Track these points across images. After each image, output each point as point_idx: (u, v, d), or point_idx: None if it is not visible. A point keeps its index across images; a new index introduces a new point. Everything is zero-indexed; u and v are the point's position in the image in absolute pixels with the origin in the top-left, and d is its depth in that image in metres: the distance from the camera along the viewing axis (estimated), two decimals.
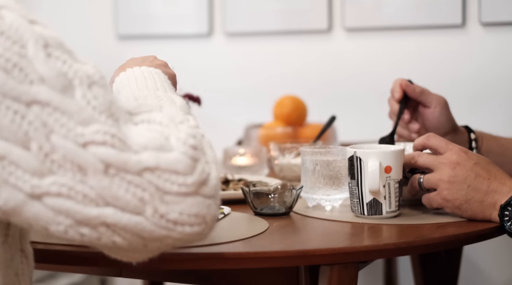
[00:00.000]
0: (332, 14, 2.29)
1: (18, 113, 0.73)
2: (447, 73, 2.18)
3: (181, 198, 0.76)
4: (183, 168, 0.77)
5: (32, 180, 0.74)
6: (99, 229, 0.76)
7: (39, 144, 0.74)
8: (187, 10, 2.46)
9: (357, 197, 1.19)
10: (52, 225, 0.75)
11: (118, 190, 0.75)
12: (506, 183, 1.13)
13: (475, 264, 2.16)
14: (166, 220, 0.76)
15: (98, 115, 0.76)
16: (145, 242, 0.77)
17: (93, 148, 0.74)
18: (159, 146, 0.77)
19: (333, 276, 1.02)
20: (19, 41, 0.75)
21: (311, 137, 1.81)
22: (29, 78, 0.74)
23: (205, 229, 0.79)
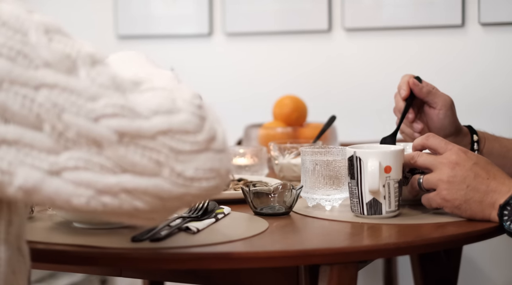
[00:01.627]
0: (332, 14, 2.29)
1: (27, 97, 0.76)
2: (446, 73, 2.18)
3: (194, 155, 0.80)
4: (193, 127, 0.80)
5: (49, 158, 0.76)
6: (120, 196, 0.78)
7: (51, 124, 0.76)
8: (187, 10, 2.46)
9: (356, 197, 1.19)
10: (74, 198, 0.77)
11: (134, 156, 0.77)
12: (505, 183, 1.14)
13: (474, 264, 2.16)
14: (184, 178, 0.79)
15: (105, 90, 0.78)
16: (165, 202, 0.80)
17: (105, 121, 0.77)
18: (168, 109, 0.80)
19: (333, 276, 1.02)
20: (20, 29, 0.77)
21: (311, 137, 1.82)
22: (34, 63, 0.76)
23: (221, 183, 0.82)
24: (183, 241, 1.06)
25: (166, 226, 1.11)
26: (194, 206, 1.21)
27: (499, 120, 2.10)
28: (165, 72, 0.93)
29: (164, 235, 1.07)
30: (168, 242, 1.05)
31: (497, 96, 2.12)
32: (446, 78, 2.18)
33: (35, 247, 0.94)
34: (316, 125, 1.92)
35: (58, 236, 1.10)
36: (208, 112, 0.84)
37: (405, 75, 1.42)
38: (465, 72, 2.16)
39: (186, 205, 0.84)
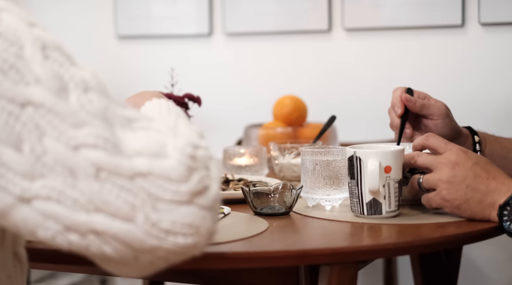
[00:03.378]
0: (332, 14, 2.29)
1: (13, 115, 0.73)
2: (446, 73, 2.18)
3: (174, 206, 0.74)
4: (177, 176, 0.74)
5: (22, 183, 0.72)
6: (88, 236, 0.73)
7: (31, 146, 0.73)
8: (187, 10, 2.46)
9: (356, 197, 1.19)
10: (40, 229, 0.73)
11: (108, 195, 0.73)
12: (505, 183, 1.14)
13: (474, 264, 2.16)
14: (158, 228, 0.73)
15: (91, 118, 0.74)
16: (136, 253, 0.75)
17: (85, 151, 0.73)
18: (154, 153, 0.75)
19: (333, 276, 1.02)
20: (16, 42, 0.75)
21: (311, 137, 1.82)
22: (25, 79, 0.74)
23: (199, 242, 0.76)
24: None
25: None
26: None
27: (499, 120, 2.10)
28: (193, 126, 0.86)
29: None
30: None
31: (497, 96, 2.12)
32: (446, 78, 2.18)
33: (35, 247, 0.94)
34: (316, 125, 1.92)
35: None
36: (203, 166, 0.77)
37: (396, 89, 1.39)
38: (465, 72, 2.16)
39: (160, 262, 0.77)
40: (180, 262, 0.78)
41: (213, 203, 0.76)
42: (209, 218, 0.76)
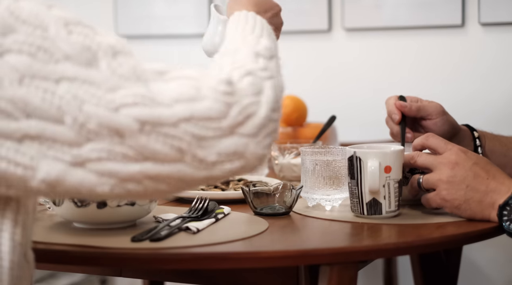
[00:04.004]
0: (332, 14, 2.29)
1: (48, 91, 0.77)
2: (446, 73, 2.18)
3: (217, 141, 0.80)
4: (216, 113, 0.80)
5: (72, 151, 0.77)
6: (143, 182, 0.79)
7: (73, 116, 0.77)
8: (188, 10, 2.46)
9: (356, 197, 1.19)
10: (97, 187, 0.78)
11: (155, 144, 0.78)
12: (504, 183, 1.13)
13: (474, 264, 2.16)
14: (205, 163, 0.80)
15: (124, 81, 0.79)
16: (190, 184, 0.81)
17: (126, 110, 0.77)
18: (191, 97, 0.80)
19: (333, 276, 1.02)
20: (40, 25, 0.78)
21: (311, 137, 1.82)
22: (54, 57, 0.77)
23: (246, 165, 0.83)
24: (183, 241, 1.06)
25: (166, 226, 1.11)
26: (194, 206, 1.22)
27: (499, 120, 2.10)
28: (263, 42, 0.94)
29: (164, 235, 1.07)
30: (168, 242, 1.05)
31: (497, 96, 2.12)
32: (445, 78, 2.18)
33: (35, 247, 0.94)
34: (316, 125, 1.92)
35: (58, 236, 1.10)
36: (244, 95, 0.83)
37: (389, 99, 1.40)
38: (465, 72, 2.16)
39: (212, 183, 0.85)
40: None
41: (257, 129, 0.83)
42: (252, 143, 0.82)
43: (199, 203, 1.22)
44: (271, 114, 0.85)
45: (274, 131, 0.86)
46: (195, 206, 1.22)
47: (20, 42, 0.77)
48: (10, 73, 0.76)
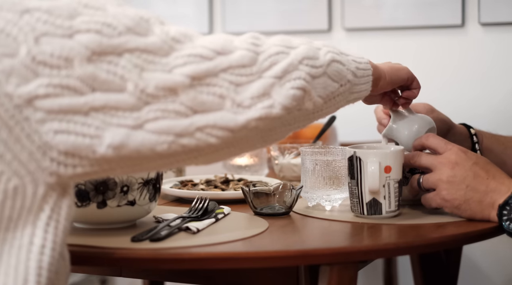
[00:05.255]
0: (332, 14, 2.29)
1: (112, 63, 0.84)
2: (446, 73, 2.18)
3: (249, 85, 0.92)
4: (247, 61, 0.93)
5: (133, 114, 0.85)
6: (195, 135, 0.88)
7: (134, 83, 0.85)
8: (188, 10, 2.46)
9: (356, 197, 1.19)
10: (157, 146, 0.86)
11: (202, 96, 0.88)
12: (504, 183, 1.13)
13: (474, 264, 2.16)
14: (243, 107, 0.90)
15: (176, 43, 0.89)
16: (234, 134, 0.90)
17: (178, 70, 0.87)
18: (228, 50, 0.92)
19: (333, 276, 1.02)
20: (100, 7, 0.86)
21: (311, 137, 1.82)
22: (117, 30, 0.85)
23: (275, 102, 0.93)
24: (183, 241, 1.06)
25: (166, 226, 1.11)
26: (194, 206, 1.22)
27: (498, 120, 2.10)
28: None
29: (164, 235, 1.07)
30: (168, 242, 1.05)
31: (497, 96, 2.12)
32: (445, 78, 2.18)
33: None
34: (316, 125, 1.92)
35: None
36: (268, 49, 0.96)
37: (377, 107, 1.43)
38: (465, 72, 2.16)
39: (253, 133, 0.93)
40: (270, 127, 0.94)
41: (281, 72, 0.95)
42: (278, 83, 0.94)
43: (199, 203, 1.22)
44: (298, 64, 0.97)
45: (299, 78, 0.96)
46: (195, 206, 1.22)
47: (86, 22, 0.84)
48: (80, 51, 0.83)
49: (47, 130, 0.82)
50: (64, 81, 0.82)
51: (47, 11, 0.83)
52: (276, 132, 0.98)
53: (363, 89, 1.13)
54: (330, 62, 1.03)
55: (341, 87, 1.05)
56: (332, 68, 1.03)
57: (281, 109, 0.94)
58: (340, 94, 1.06)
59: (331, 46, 1.06)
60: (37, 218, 0.84)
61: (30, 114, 0.81)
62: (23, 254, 0.83)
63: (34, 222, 0.84)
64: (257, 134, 0.94)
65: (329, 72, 1.02)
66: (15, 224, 0.83)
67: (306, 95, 0.97)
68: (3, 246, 0.82)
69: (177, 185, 1.47)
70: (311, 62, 0.99)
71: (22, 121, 0.81)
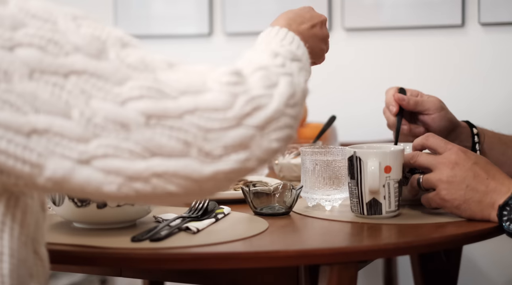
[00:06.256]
0: (332, 14, 2.29)
1: (57, 85, 0.77)
2: (446, 73, 2.18)
3: (224, 133, 0.79)
4: (222, 104, 0.79)
5: (78, 147, 0.77)
6: (151, 181, 0.78)
7: (80, 110, 0.77)
8: (187, 10, 2.46)
9: (356, 197, 1.19)
10: (104, 186, 0.78)
11: (161, 138, 0.77)
12: (504, 183, 1.13)
13: (474, 264, 2.16)
14: (212, 156, 0.79)
15: (132, 71, 0.79)
16: (198, 184, 0.79)
17: (132, 104, 0.77)
18: (196, 89, 0.80)
19: (333, 276, 1.02)
20: (49, 19, 0.79)
21: (311, 137, 1.82)
22: (64, 49, 0.78)
23: (252, 156, 0.80)
24: (183, 241, 1.06)
25: (166, 226, 1.11)
26: (194, 206, 1.22)
27: (499, 120, 2.10)
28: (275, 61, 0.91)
29: (164, 235, 1.07)
30: (168, 242, 1.05)
31: (497, 96, 2.12)
32: (445, 78, 2.18)
33: None
34: (316, 125, 1.92)
35: (58, 236, 1.10)
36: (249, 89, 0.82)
37: (389, 90, 1.41)
38: (465, 72, 2.16)
39: (223, 184, 0.82)
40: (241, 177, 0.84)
41: (265, 121, 0.81)
42: (260, 135, 0.81)
43: (199, 203, 1.22)
44: (284, 109, 0.84)
45: (287, 126, 0.84)
46: (195, 206, 1.22)
47: (30, 35, 0.78)
48: (21, 67, 0.76)
49: None
50: (4, 95, 0.76)
51: None
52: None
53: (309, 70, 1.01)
54: (304, 86, 0.91)
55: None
56: (305, 93, 0.92)
57: (257, 163, 0.82)
58: None
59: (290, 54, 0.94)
60: None
61: None
62: None
63: None
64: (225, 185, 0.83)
65: (303, 101, 0.91)
66: None
67: (288, 142, 0.86)
68: None
69: None
70: (293, 101, 0.86)
71: None
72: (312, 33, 1.10)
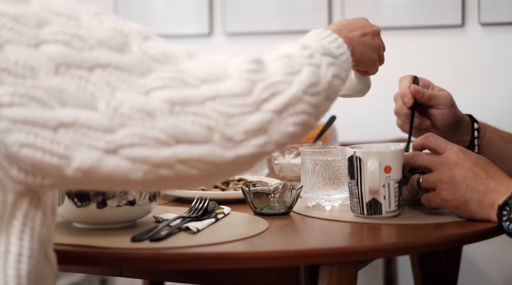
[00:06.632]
0: (332, 14, 2.29)
1: (83, 78, 0.79)
2: (446, 73, 2.18)
3: (243, 118, 0.82)
4: (241, 90, 0.83)
5: (105, 137, 0.78)
6: (175, 167, 0.80)
7: (106, 101, 0.78)
8: (187, 10, 2.46)
9: (356, 197, 1.19)
10: (131, 173, 0.80)
11: (185, 125, 0.80)
12: (504, 183, 1.13)
13: (474, 264, 2.16)
14: (233, 141, 0.82)
15: (155, 63, 0.82)
16: (220, 168, 0.82)
17: (156, 93, 0.80)
18: (217, 77, 0.83)
19: (333, 276, 1.02)
20: (72, 16, 0.81)
21: (311, 137, 1.81)
22: (89, 44, 0.80)
23: (270, 140, 0.84)
24: (183, 241, 1.06)
25: (166, 226, 1.11)
26: (194, 206, 1.22)
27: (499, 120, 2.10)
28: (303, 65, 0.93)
29: (164, 235, 1.07)
30: (168, 242, 1.05)
31: (497, 96, 2.12)
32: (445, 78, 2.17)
33: None
34: None
35: (58, 236, 1.10)
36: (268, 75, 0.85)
37: (403, 79, 1.41)
38: (465, 72, 2.16)
39: (244, 167, 0.85)
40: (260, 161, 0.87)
41: (282, 106, 0.85)
42: (277, 120, 0.84)
43: (199, 203, 1.22)
44: (302, 95, 0.87)
45: (303, 112, 0.87)
46: (195, 206, 1.22)
47: (55, 32, 0.79)
48: (47, 63, 0.78)
49: (13, 142, 0.78)
50: (30, 91, 0.78)
51: (13, 18, 0.79)
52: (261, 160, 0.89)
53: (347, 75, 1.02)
54: (332, 80, 0.93)
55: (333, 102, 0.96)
56: (332, 88, 0.93)
57: (275, 147, 0.85)
58: None
59: (323, 49, 0.97)
60: (10, 225, 0.82)
61: None
62: (0, 262, 0.81)
63: (8, 229, 0.82)
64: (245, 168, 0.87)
65: (329, 94, 0.93)
66: None
67: (308, 128, 0.89)
68: None
69: None
70: (315, 89, 0.89)
71: None
72: (363, 41, 1.12)
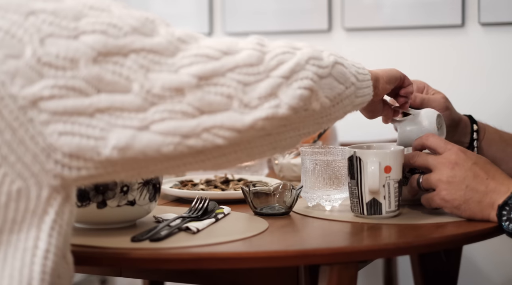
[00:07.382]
0: (332, 14, 2.29)
1: (118, 64, 0.84)
2: (446, 73, 2.18)
3: (257, 85, 0.91)
4: (255, 60, 0.92)
5: (138, 116, 0.84)
6: (202, 135, 0.87)
7: (140, 83, 0.85)
8: (188, 10, 2.46)
9: (356, 197, 1.19)
10: (163, 147, 0.86)
11: (209, 96, 0.88)
12: (504, 183, 1.13)
13: (474, 264, 2.16)
14: (250, 107, 0.90)
15: (181, 43, 0.89)
16: (241, 134, 0.90)
17: (185, 70, 0.87)
18: (234, 50, 0.92)
19: (333, 276, 1.02)
20: (105, 9, 0.87)
21: (311, 137, 1.82)
22: (123, 31, 0.86)
23: (281, 102, 0.93)
24: (183, 241, 1.06)
25: (166, 226, 1.11)
26: (194, 206, 1.22)
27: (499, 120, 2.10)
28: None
29: (164, 235, 1.07)
30: (168, 242, 1.05)
31: (497, 96, 2.12)
32: (445, 78, 2.18)
33: None
34: None
35: None
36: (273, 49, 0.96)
37: None
38: (465, 72, 2.16)
39: (261, 132, 0.92)
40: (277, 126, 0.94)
41: (288, 72, 0.94)
42: (285, 83, 0.94)
43: (199, 203, 1.22)
44: (305, 64, 0.96)
45: (306, 78, 0.96)
46: (195, 206, 1.22)
47: (92, 23, 0.84)
48: (86, 52, 0.83)
49: (51, 132, 0.81)
50: (69, 82, 0.82)
51: (52, 13, 0.83)
52: (285, 139, 0.98)
53: (366, 93, 1.11)
54: (334, 63, 1.02)
55: (346, 90, 1.04)
56: (337, 69, 1.02)
57: (288, 109, 0.93)
58: (347, 97, 1.05)
59: (331, 50, 1.06)
60: (42, 221, 0.83)
61: (35, 116, 0.81)
62: (27, 257, 0.82)
63: (39, 225, 0.83)
64: (266, 139, 0.95)
65: (334, 74, 1.01)
66: (19, 227, 0.82)
67: (313, 95, 0.96)
68: (8, 248, 0.82)
69: (177, 185, 1.47)
70: (317, 62, 0.98)
71: (26, 122, 0.81)
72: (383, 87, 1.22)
